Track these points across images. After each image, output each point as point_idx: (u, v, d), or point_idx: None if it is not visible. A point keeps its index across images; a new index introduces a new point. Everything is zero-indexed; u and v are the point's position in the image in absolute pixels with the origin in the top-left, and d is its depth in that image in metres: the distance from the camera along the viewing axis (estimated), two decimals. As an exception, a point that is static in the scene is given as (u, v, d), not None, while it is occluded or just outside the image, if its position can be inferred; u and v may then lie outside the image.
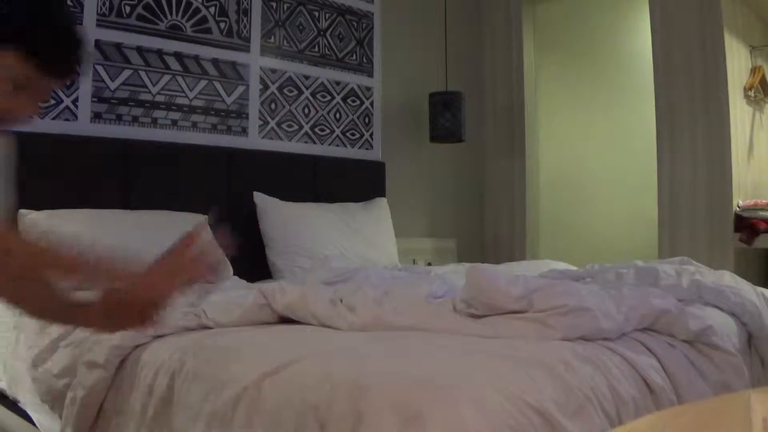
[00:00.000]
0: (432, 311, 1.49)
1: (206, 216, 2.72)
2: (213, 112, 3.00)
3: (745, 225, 3.21)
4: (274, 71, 3.23)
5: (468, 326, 1.43)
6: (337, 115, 3.48)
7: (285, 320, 1.67)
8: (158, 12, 2.83)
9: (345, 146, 3.51)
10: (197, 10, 2.95)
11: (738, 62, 3.46)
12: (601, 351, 1.30)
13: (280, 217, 2.90)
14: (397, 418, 1.00)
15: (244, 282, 2.42)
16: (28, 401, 1.87)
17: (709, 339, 1.43)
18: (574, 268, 2.57)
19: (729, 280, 1.97)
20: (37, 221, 2.28)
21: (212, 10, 3.00)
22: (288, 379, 1.17)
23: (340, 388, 1.09)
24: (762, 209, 3.22)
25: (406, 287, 1.67)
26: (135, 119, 2.76)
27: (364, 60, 3.61)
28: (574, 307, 1.34)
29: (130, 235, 2.36)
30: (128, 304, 1.02)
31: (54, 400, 1.66)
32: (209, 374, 1.31)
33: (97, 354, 1.51)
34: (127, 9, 2.74)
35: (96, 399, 1.50)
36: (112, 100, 2.70)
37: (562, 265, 2.77)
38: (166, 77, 2.85)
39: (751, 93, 3.56)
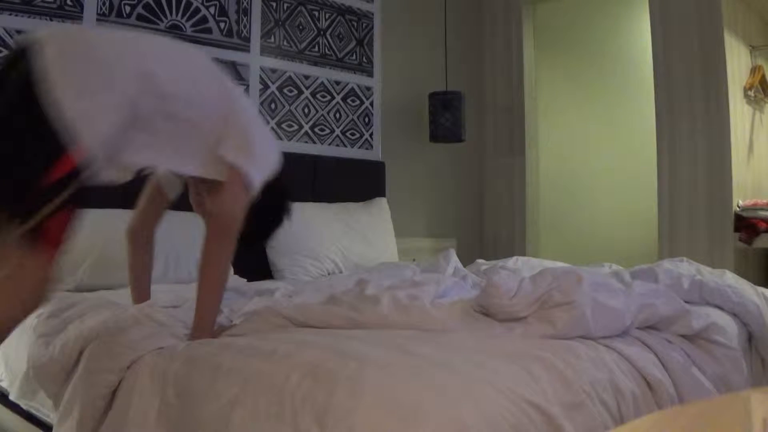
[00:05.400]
0: (445, 313, 1.49)
1: None
2: (213, 112, 2.99)
3: (745, 225, 3.21)
4: (274, 71, 3.23)
5: (476, 326, 1.44)
6: (337, 115, 3.48)
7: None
8: (158, 12, 2.83)
9: (345, 146, 3.51)
10: (197, 10, 2.95)
11: (738, 62, 3.46)
12: (599, 348, 1.31)
13: (280, 217, 2.89)
14: (395, 415, 1.00)
15: (243, 281, 2.42)
16: (23, 391, 1.86)
17: (710, 336, 1.44)
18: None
19: (730, 279, 1.97)
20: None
21: (212, 10, 3.00)
22: (285, 377, 1.17)
23: (338, 385, 1.09)
24: (762, 209, 3.22)
25: (411, 288, 1.67)
26: (135, 119, 2.76)
27: (364, 60, 3.61)
28: (580, 304, 1.34)
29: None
30: None
31: (50, 384, 1.65)
32: (205, 377, 1.31)
33: (101, 363, 1.50)
34: (127, 9, 2.74)
35: (100, 406, 1.49)
36: (112, 100, 2.69)
37: (559, 265, 2.77)
38: (166, 77, 2.85)
39: (751, 93, 3.57)
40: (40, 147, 1.31)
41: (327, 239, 2.93)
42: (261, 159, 1.68)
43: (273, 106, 3.22)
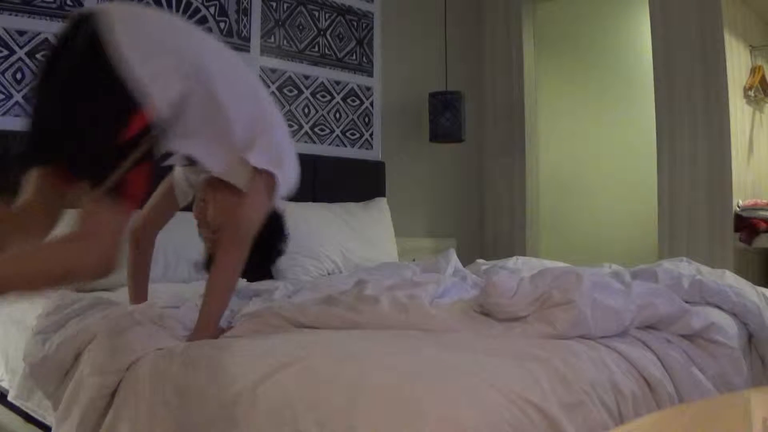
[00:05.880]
0: (446, 314, 1.49)
1: None
2: (213, 112, 3.00)
3: (745, 225, 3.21)
4: (274, 71, 3.23)
5: (476, 326, 1.44)
6: (337, 115, 3.48)
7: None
8: (158, 12, 2.83)
9: (345, 146, 3.51)
10: (197, 10, 2.95)
11: (738, 62, 3.46)
12: (598, 348, 1.31)
13: (280, 217, 2.89)
14: (395, 415, 1.00)
15: (244, 281, 2.42)
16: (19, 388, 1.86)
17: (710, 335, 1.44)
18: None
19: (730, 279, 1.97)
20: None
21: (212, 9, 3.00)
22: (285, 378, 1.17)
23: (338, 385, 1.09)
24: (762, 209, 3.22)
25: (409, 288, 1.67)
26: (135, 119, 2.76)
27: (364, 60, 3.61)
28: (580, 304, 1.34)
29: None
30: None
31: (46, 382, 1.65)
32: (204, 377, 1.30)
33: (100, 364, 1.50)
34: (127, 9, 2.74)
35: (100, 406, 1.48)
36: (112, 100, 2.69)
37: (559, 265, 2.77)
38: (166, 77, 2.85)
39: (751, 93, 3.57)
40: (113, 105, 1.31)
41: (327, 239, 2.92)
42: (287, 172, 1.69)
43: (273, 106, 3.21)
